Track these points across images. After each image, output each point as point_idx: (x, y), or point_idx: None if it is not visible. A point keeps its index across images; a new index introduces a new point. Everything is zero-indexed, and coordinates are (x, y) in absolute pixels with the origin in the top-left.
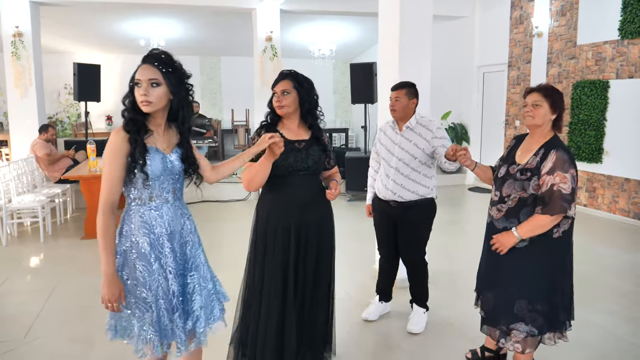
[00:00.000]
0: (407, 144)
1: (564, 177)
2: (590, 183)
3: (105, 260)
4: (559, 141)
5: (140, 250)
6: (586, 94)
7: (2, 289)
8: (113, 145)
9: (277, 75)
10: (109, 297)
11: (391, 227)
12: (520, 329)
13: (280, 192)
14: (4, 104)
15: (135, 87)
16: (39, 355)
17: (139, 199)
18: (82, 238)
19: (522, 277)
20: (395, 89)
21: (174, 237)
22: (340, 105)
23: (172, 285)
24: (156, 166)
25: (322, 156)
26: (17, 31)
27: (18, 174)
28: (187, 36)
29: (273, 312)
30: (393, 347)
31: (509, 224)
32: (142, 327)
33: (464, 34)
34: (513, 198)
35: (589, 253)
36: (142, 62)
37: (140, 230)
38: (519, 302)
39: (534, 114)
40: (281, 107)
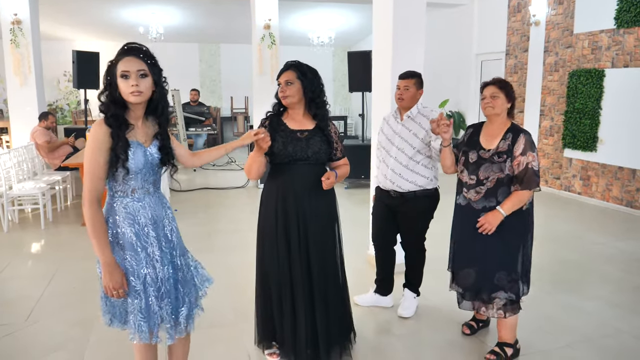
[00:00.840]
0: (407, 133)
1: (534, 157)
2: (584, 171)
3: (100, 250)
4: (520, 126)
5: (127, 240)
6: (582, 83)
7: (4, 274)
8: (95, 139)
9: (282, 66)
10: (112, 285)
11: (390, 217)
12: (501, 296)
13: (280, 180)
14: (3, 92)
15: (121, 79)
16: (40, 338)
17: (121, 191)
18: (83, 224)
19: (498, 250)
20: (405, 77)
21: (157, 226)
22: (340, 93)
23: (159, 272)
24: (138, 160)
25: (324, 147)
26: (16, 19)
27: (18, 161)
28: (186, 23)
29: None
30: (384, 331)
31: (488, 203)
32: (132, 314)
33: (462, 22)
34: (492, 179)
35: (581, 240)
36: (125, 54)
37: (125, 221)
38: (499, 274)
39: (494, 104)
40: (285, 97)
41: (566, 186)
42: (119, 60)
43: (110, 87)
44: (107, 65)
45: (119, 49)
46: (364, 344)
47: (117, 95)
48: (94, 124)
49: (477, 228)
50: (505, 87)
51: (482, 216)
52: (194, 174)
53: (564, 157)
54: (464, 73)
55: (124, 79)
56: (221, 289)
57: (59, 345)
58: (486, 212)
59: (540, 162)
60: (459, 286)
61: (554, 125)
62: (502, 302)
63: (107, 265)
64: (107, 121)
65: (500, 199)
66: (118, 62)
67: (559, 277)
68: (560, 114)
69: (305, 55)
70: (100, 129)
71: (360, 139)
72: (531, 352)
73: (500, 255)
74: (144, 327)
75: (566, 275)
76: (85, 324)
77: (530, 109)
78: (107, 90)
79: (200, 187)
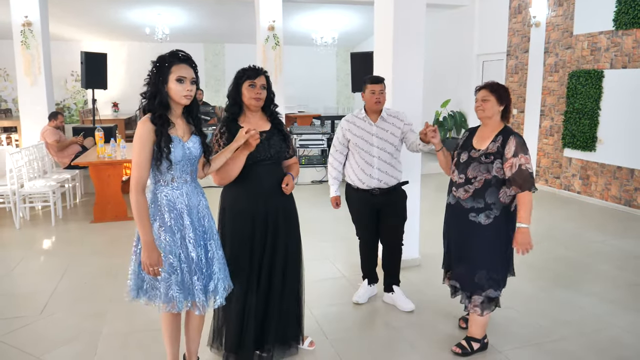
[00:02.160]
0: (384, 133)
1: (527, 159)
2: (584, 171)
3: (143, 230)
4: (512, 129)
5: (166, 224)
6: (581, 84)
7: (18, 269)
8: (142, 135)
9: (253, 69)
10: (150, 262)
11: (373, 214)
12: (478, 295)
13: (246, 181)
14: (13, 91)
15: (176, 83)
16: (55, 330)
17: (163, 181)
18: (92, 222)
19: (483, 251)
20: (379, 81)
21: (192, 212)
22: (343, 92)
23: (191, 252)
24: (178, 153)
25: (283, 145)
26: (27, 21)
27: (29, 160)
28: (192, 24)
29: (238, 298)
30: (382, 324)
31: (476, 204)
32: (169, 287)
33: (464, 23)
34: (479, 180)
35: (579, 238)
36: (180, 61)
37: (165, 207)
38: (480, 272)
39: (484, 107)
40: (259, 99)
41: (566, 185)
42: (173, 64)
43: (162, 88)
44: (156, 66)
45: (170, 53)
46: (362, 336)
47: (166, 96)
48: (140, 122)
49: (465, 226)
50: (497, 91)
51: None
52: None
53: (563, 157)
54: (465, 73)
55: (180, 83)
56: None
57: (73, 336)
58: (474, 212)
59: (536, 163)
60: (454, 280)
61: (554, 125)
62: (479, 300)
63: (147, 244)
64: (153, 120)
65: (488, 200)
66: (172, 67)
67: (555, 274)
68: (560, 114)
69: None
70: (146, 126)
71: None
72: (525, 346)
73: (484, 254)
74: (180, 297)
75: (562, 273)
76: (97, 317)
77: (531, 109)
78: (157, 91)
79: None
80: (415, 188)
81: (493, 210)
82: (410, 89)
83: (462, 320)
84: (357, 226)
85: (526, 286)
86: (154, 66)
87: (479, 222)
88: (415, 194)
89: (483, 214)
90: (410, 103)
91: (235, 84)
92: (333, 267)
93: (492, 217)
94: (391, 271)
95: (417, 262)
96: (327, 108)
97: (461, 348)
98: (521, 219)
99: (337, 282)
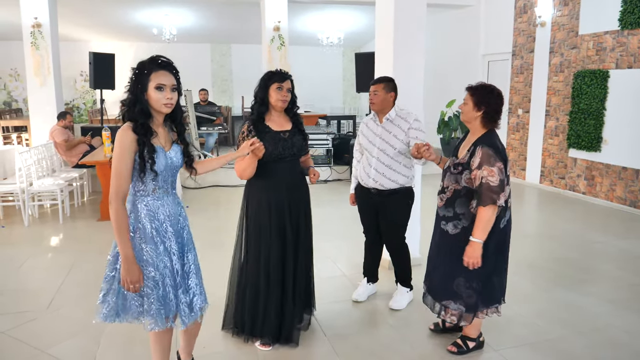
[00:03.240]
0: (387, 135)
1: (490, 171)
2: (589, 171)
3: (122, 245)
4: (488, 137)
5: (147, 235)
6: (587, 84)
7: (26, 265)
8: (122, 144)
9: (280, 73)
10: (130, 279)
11: (373, 213)
12: (451, 306)
13: (271, 176)
14: (23, 91)
15: (156, 90)
16: (61, 324)
17: (143, 191)
18: (99, 220)
19: (453, 259)
20: (373, 83)
21: (174, 223)
22: (349, 92)
23: (175, 264)
24: (161, 163)
25: (303, 143)
26: (36, 22)
27: (38, 159)
28: (198, 25)
29: (274, 286)
30: (380, 322)
31: (447, 213)
32: (151, 303)
33: (469, 23)
34: (450, 189)
35: (582, 239)
36: (160, 68)
37: (146, 217)
38: (457, 280)
39: (462, 110)
40: (285, 101)
41: (571, 186)
42: (152, 72)
43: (141, 96)
44: (135, 74)
45: (149, 60)
46: (359, 334)
47: (146, 104)
48: (120, 130)
49: (436, 233)
50: (476, 94)
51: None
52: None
53: (568, 157)
54: (470, 73)
55: (159, 91)
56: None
57: (78, 331)
58: (445, 220)
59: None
60: (425, 284)
61: (559, 126)
62: (455, 311)
63: (126, 259)
64: (135, 129)
65: (458, 210)
66: (151, 74)
67: (556, 274)
68: (565, 114)
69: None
70: (127, 134)
71: None
72: (521, 345)
73: (454, 262)
74: (162, 314)
75: (563, 272)
76: None
77: (536, 109)
78: (137, 99)
79: (211, 185)
80: (415, 188)
81: (462, 221)
82: (411, 88)
83: (433, 324)
84: (362, 223)
85: (525, 285)
86: (133, 73)
87: (446, 231)
88: (416, 194)
89: (451, 224)
90: (411, 102)
91: (264, 85)
92: (334, 266)
93: (460, 228)
94: (396, 271)
95: (417, 261)
96: (334, 108)
97: (457, 347)
98: (474, 233)
99: (338, 281)
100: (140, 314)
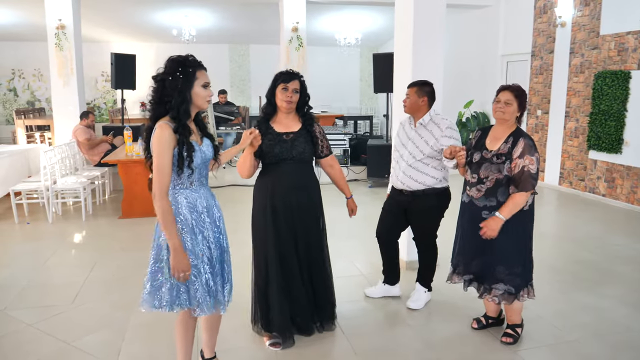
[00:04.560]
0: (419, 139)
1: (531, 160)
2: (609, 173)
3: (170, 237)
4: (523, 131)
5: (188, 225)
6: (607, 85)
7: (51, 261)
8: (163, 141)
9: (287, 73)
10: (182, 267)
11: (400, 212)
12: (499, 287)
13: (270, 177)
14: (46, 91)
15: (202, 88)
16: (86, 318)
17: (181, 184)
18: (120, 217)
19: (501, 247)
20: (408, 86)
21: (210, 213)
22: (366, 92)
23: (214, 253)
24: (198, 158)
25: (308, 147)
26: (60, 24)
27: (62, 157)
28: (217, 25)
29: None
30: (399, 322)
31: (489, 202)
32: (196, 290)
33: (488, 23)
34: (491, 179)
35: (601, 241)
36: (201, 67)
37: (186, 209)
38: (499, 267)
39: (505, 110)
40: (291, 102)
41: (590, 188)
42: (197, 70)
43: (189, 95)
44: (183, 73)
45: (191, 59)
46: (377, 333)
47: (189, 103)
48: (158, 128)
49: (479, 223)
50: (521, 96)
51: (484, 220)
52: (223, 171)
53: (588, 159)
54: (489, 74)
55: (204, 88)
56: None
57: (103, 325)
58: (487, 210)
59: (560, 165)
60: (469, 273)
61: (579, 127)
62: (499, 292)
63: (175, 250)
64: (177, 129)
65: (500, 199)
66: (196, 72)
67: (575, 277)
68: (585, 115)
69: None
70: (167, 132)
71: (385, 139)
72: (539, 346)
73: (502, 251)
74: (208, 300)
75: (582, 275)
76: (125, 308)
77: (556, 110)
78: (184, 99)
79: (230, 184)
80: None
81: None
82: None
83: (475, 320)
84: (378, 223)
85: (544, 287)
86: (181, 72)
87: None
88: None
89: (495, 212)
90: None
91: (272, 86)
92: (352, 265)
93: (505, 220)
94: (420, 269)
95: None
96: (351, 108)
97: (510, 337)
98: (502, 210)
99: (356, 280)
100: (187, 301)
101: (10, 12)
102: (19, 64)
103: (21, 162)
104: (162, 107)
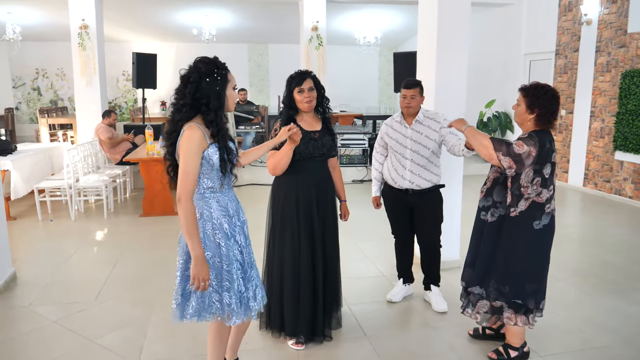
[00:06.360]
0: (419, 136)
1: (520, 144)
2: (636, 175)
3: (192, 243)
4: (540, 132)
5: (223, 230)
6: (635, 84)
7: (74, 258)
8: (193, 144)
9: (298, 75)
10: (202, 276)
11: (407, 212)
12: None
13: (299, 174)
14: (69, 90)
15: (233, 91)
16: (108, 315)
17: (212, 188)
18: (141, 216)
19: (517, 264)
20: (411, 86)
21: (239, 216)
22: (385, 92)
23: (246, 257)
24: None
25: (332, 144)
26: (83, 24)
27: (84, 156)
28: (237, 25)
29: (305, 283)
30: (420, 323)
31: (486, 202)
32: (231, 297)
33: (510, 21)
34: (490, 179)
35: (628, 245)
36: (229, 70)
37: (219, 213)
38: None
39: (515, 112)
40: (310, 101)
41: (616, 190)
42: (228, 73)
43: (224, 97)
44: (220, 74)
45: (221, 63)
46: (403, 335)
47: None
48: (188, 129)
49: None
50: (529, 95)
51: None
52: (242, 171)
53: (614, 160)
54: (511, 73)
55: (234, 90)
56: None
57: (125, 322)
58: (484, 210)
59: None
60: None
61: (605, 127)
62: (483, 310)
63: (197, 258)
64: (215, 136)
65: (496, 198)
66: (227, 75)
67: (602, 280)
68: (611, 115)
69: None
70: (198, 134)
71: None
72: (568, 352)
73: (521, 268)
74: (240, 307)
75: (609, 279)
76: (147, 305)
77: (580, 110)
78: (223, 101)
79: (248, 183)
80: (456, 189)
81: (498, 209)
82: (453, 88)
83: (472, 329)
84: (391, 224)
85: (570, 291)
86: (217, 74)
87: (485, 220)
88: (457, 196)
89: (489, 212)
90: (452, 104)
91: (288, 91)
92: (373, 266)
93: (497, 216)
94: (428, 271)
95: (457, 263)
96: (369, 108)
97: (497, 354)
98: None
99: (376, 281)
100: (219, 310)
101: (35, 13)
102: (42, 63)
103: (45, 161)
104: (195, 109)
